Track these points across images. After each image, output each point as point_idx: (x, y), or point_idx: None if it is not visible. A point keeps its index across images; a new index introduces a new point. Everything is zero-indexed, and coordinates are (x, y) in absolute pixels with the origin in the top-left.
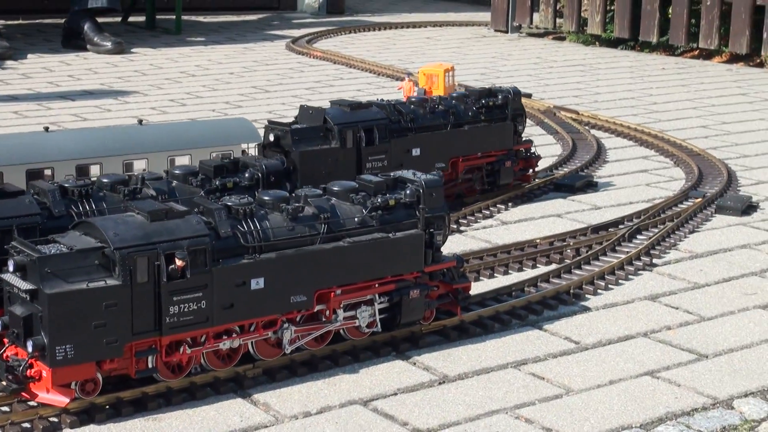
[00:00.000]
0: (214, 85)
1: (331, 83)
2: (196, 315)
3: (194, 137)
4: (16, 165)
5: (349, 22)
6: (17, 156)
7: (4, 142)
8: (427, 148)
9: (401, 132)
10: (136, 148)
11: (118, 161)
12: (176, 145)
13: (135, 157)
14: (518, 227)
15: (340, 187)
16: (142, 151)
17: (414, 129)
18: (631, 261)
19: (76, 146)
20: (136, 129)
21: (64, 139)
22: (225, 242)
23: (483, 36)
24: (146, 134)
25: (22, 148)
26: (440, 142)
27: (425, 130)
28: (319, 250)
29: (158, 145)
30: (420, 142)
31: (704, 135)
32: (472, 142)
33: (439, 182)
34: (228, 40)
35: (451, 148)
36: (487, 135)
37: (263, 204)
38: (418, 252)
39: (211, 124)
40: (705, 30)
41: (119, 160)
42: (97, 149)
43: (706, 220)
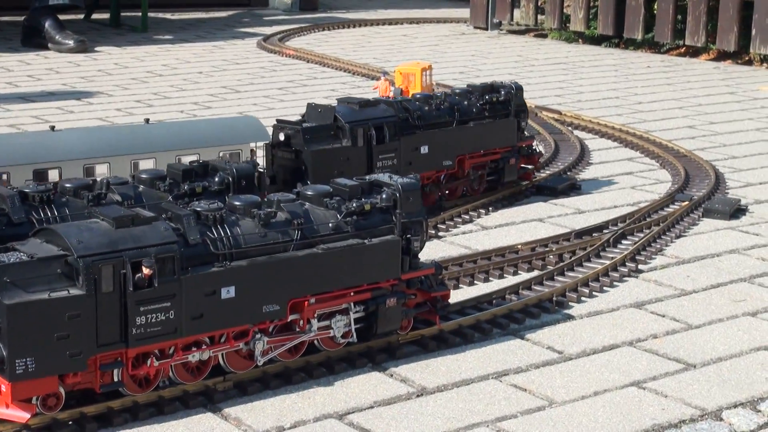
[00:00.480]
0: (182, 85)
1: (305, 83)
2: (163, 326)
3: (202, 136)
4: (23, 165)
5: (322, 19)
6: (24, 155)
7: (10, 141)
8: (435, 146)
9: (410, 130)
10: (144, 147)
11: (126, 161)
12: (184, 144)
13: (143, 157)
14: (499, 232)
15: (313, 192)
16: (150, 150)
17: (422, 126)
18: (616, 267)
19: (84, 146)
20: (143, 128)
21: (71, 138)
22: (194, 249)
23: (462, 33)
24: (154, 133)
25: (28, 148)
26: (447, 140)
27: (432, 127)
28: (292, 257)
29: (166, 144)
30: (428, 140)
31: (691, 135)
32: (477, 139)
33: (416, 186)
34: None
35: (458, 145)
36: (492, 132)
37: (234, 209)
38: (394, 259)
39: (218, 123)
40: (692, 26)
41: (127, 160)
42: (104, 149)
43: (694, 224)
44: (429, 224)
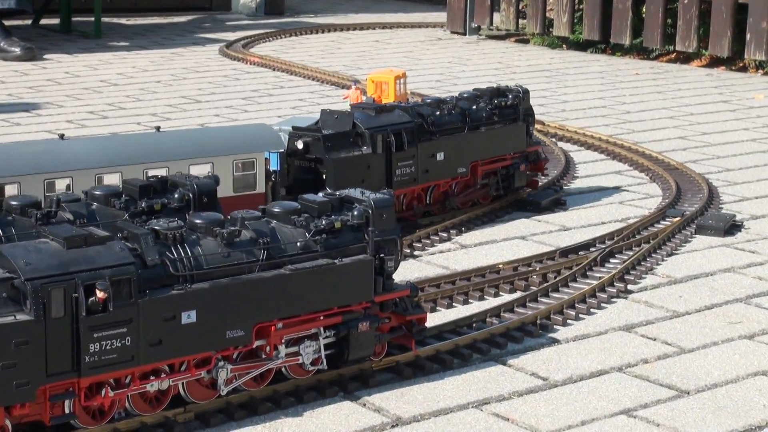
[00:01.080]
0: (138, 95)
1: (270, 92)
2: (119, 353)
3: (215, 144)
4: (34, 174)
5: (289, 24)
6: (35, 165)
7: (20, 150)
8: (450, 153)
9: (426, 136)
10: (156, 156)
11: (138, 170)
12: (197, 153)
13: (155, 166)
14: (479, 251)
15: (280, 209)
16: (162, 159)
17: (437, 132)
18: (604, 288)
19: (95, 154)
20: (155, 136)
21: (81, 147)
22: (152, 271)
23: (438, 39)
24: (166, 142)
25: (39, 157)
26: (462, 146)
27: (446, 133)
28: (257, 279)
29: (178, 153)
30: (444, 146)
31: (682, 147)
32: (489, 145)
33: (390, 202)
34: (154, 45)
35: (472, 151)
36: (503, 137)
37: (195, 228)
38: (367, 280)
39: (231, 131)
40: (682, 31)
41: (139, 169)
42: (116, 157)
43: (686, 241)
44: (404, 242)
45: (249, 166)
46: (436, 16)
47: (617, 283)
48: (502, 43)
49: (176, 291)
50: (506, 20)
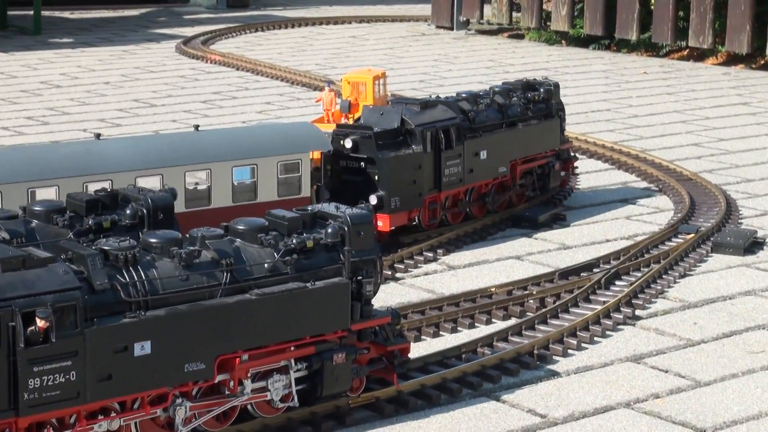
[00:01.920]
0: (84, 98)
1: (234, 94)
2: (63, 389)
3: (259, 145)
4: (73, 177)
5: (254, 18)
6: (74, 167)
7: (58, 151)
8: (492, 151)
9: (471, 133)
10: (198, 157)
11: (180, 172)
12: (240, 154)
13: (197, 168)
14: (469, 273)
15: (245, 226)
16: (204, 160)
17: (480, 129)
18: (609, 313)
19: (134, 156)
20: (195, 136)
21: (119, 148)
22: (101, 297)
23: (422, 34)
24: (207, 142)
25: (77, 159)
26: (503, 144)
27: (488, 130)
28: (220, 305)
29: (221, 154)
30: (487, 144)
31: (697, 155)
32: (528, 143)
33: (368, 218)
34: (102, 42)
35: (512, 150)
36: (540, 134)
37: (149, 248)
38: (343, 306)
39: (274, 130)
40: (696, 25)
41: (180, 171)
42: (156, 159)
43: (701, 260)
44: (384, 263)
45: (294, 168)
46: (419, 9)
47: (624, 309)
48: (494, 39)
49: (128, 319)
50: (498, 13)
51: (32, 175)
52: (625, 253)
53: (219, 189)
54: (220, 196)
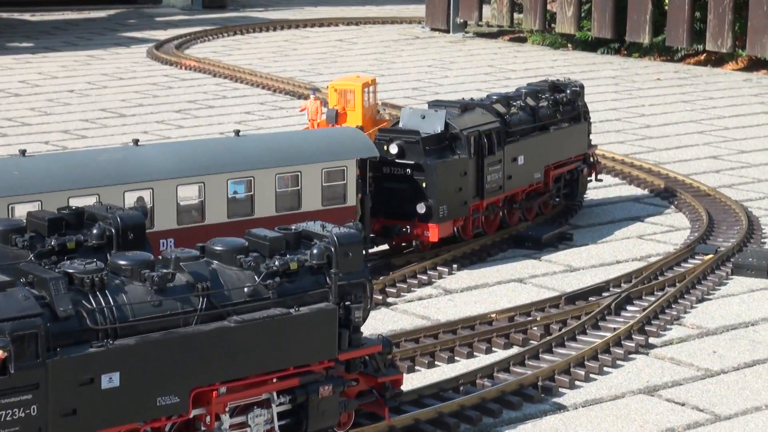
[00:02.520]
0: (46, 107)
1: (210, 103)
2: (23, 426)
3: (303, 151)
4: (114, 186)
5: (233, 20)
6: (114, 175)
7: (97, 158)
8: (529, 156)
9: (509, 138)
10: (241, 164)
11: (222, 180)
12: (284, 161)
13: (239, 176)
14: (467, 297)
15: (223, 247)
16: (246, 168)
17: (518, 134)
18: (620, 341)
19: (175, 163)
20: (237, 142)
21: (159, 154)
22: (65, 324)
23: (416, 37)
24: (250, 148)
25: (117, 166)
26: (538, 149)
27: (524, 134)
28: (195, 333)
29: (264, 161)
30: (524, 149)
31: (715, 168)
32: (560, 147)
33: (357, 238)
34: (66, 46)
35: (545, 154)
36: (570, 138)
37: (118, 271)
38: (329, 333)
39: (319, 136)
40: (714, 27)
41: (223, 179)
42: (197, 166)
43: (720, 283)
44: (375, 287)
45: (338, 176)
46: (412, 10)
47: (636, 336)
48: (494, 42)
49: (95, 349)
50: (498, 14)
51: (71, 183)
52: (637, 276)
53: (262, 198)
54: (262, 206)
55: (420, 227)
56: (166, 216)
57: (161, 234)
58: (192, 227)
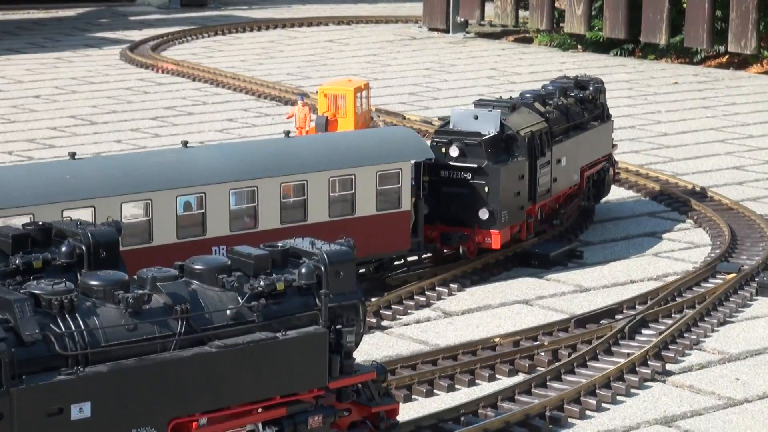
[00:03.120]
0: (10, 114)
1: (190, 110)
2: None
3: (357, 152)
4: (166, 190)
5: (214, 19)
6: (166, 180)
7: (149, 161)
8: (570, 157)
9: (553, 138)
10: (294, 167)
11: (275, 183)
12: (338, 163)
13: (293, 179)
14: (468, 320)
15: (204, 265)
16: (301, 171)
17: (560, 134)
18: (635, 368)
19: (228, 166)
20: (290, 143)
21: (211, 157)
22: (31, 350)
23: (412, 38)
24: (303, 150)
25: (169, 170)
26: (576, 149)
27: (564, 134)
28: (173, 359)
29: (318, 163)
30: (566, 150)
31: (738, 180)
32: (593, 148)
33: (349, 255)
34: (32, 48)
35: (582, 155)
36: (600, 137)
37: (90, 292)
38: (319, 359)
39: (372, 136)
40: (736, 27)
41: (276, 182)
42: (251, 169)
43: (744, 305)
44: (369, 309)
45: (393, 179)
46: (409, 8)
47: (652, 362)
48: (497, 43)
49: (64, 376)
50: (502, 13)
51: (124, 188)
52: (653, 297)
53: (315, 202)
54: (317, 211)
55: (481, 234)
56: (219, 222)
57: (213, 241)
58: (245, 234)
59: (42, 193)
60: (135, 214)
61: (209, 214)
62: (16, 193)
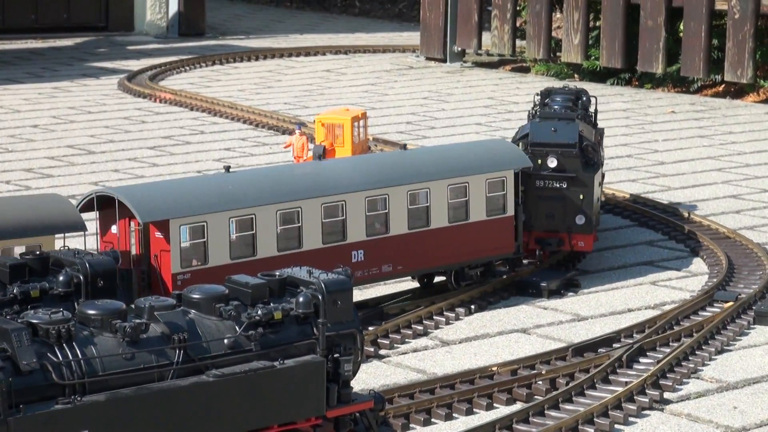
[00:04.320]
0: (8, 144)
1: (187, 139)
2: None
3: (468, 162)
4: (313, 198)
5: (212, 49)
6: (312, 188)
7: (294, 172)
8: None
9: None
10: (419, 175)
11: (403, 192)
12: (454, 172)
13: (418, 188)
14: (466, 349)
15: (201, 295)
16: (424, 179)
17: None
18: (633, 396)
19: (363, 176)
20: (411, 155)
21: (347, 168)
22: (28, 379)
23: (409, 67)
24: (424, 160)
25: (314, 180)
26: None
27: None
28: (171, 388)
29: (438, 172)
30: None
31: (735, 209)
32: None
33: (347, 285)
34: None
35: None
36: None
37: (87, 321)
38: (317, 388)
39: (477, 147)
40: (733, 56)
41: (404, 191)
42: (383, 179)
43: (741, 333)
44: (366, 338)
45: (498, 186)
46: (405, 38)
47: (650, 391)
48: (494, 72)
49: (61, 406)
50: (499, 42)
51: (280, 196)
52: (650, 325)
53: (437, 209)
54: (438, 217)
55: (576, 238)
56: (357, 228)
57: (353, 246)
58: (378, 239)
59: (215, 202)
60: (287, 220)
61: (349, 221)
62: (198, 203)
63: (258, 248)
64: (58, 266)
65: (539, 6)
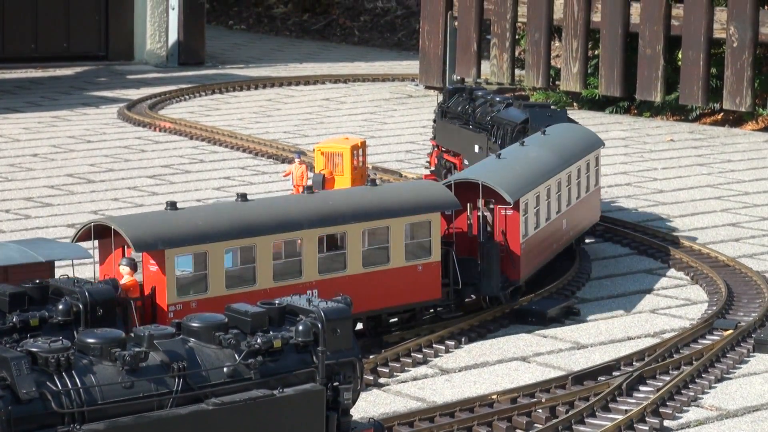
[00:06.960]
0: (7, 173)
1: (187, 168)
2: None
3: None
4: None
5: (211, 78)
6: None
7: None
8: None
9: None
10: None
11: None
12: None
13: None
14: (465, 377)
15: (200, 323)
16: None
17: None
18: (632, 425)
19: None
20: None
21: (400, 191)
22: (27, 408)
23: (408, 96)
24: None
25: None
26: None
27: None
28: (170, 416)
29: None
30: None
31: (734, 237)
32: None
33: (346, 313)
34: (29, 106)
35: None
36: None
37: (86, 349)
38: (316, 417)
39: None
40: (732, 84)
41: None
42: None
43: (741, 361)
44: (365, 366)
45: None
46: (405, 67)
47: (650, 419)
48: None
49: None
50: (498, 71)
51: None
52: (650, 354)
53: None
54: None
55: None
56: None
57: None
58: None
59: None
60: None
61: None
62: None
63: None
64: (58, 295)
65: (538, 35)
